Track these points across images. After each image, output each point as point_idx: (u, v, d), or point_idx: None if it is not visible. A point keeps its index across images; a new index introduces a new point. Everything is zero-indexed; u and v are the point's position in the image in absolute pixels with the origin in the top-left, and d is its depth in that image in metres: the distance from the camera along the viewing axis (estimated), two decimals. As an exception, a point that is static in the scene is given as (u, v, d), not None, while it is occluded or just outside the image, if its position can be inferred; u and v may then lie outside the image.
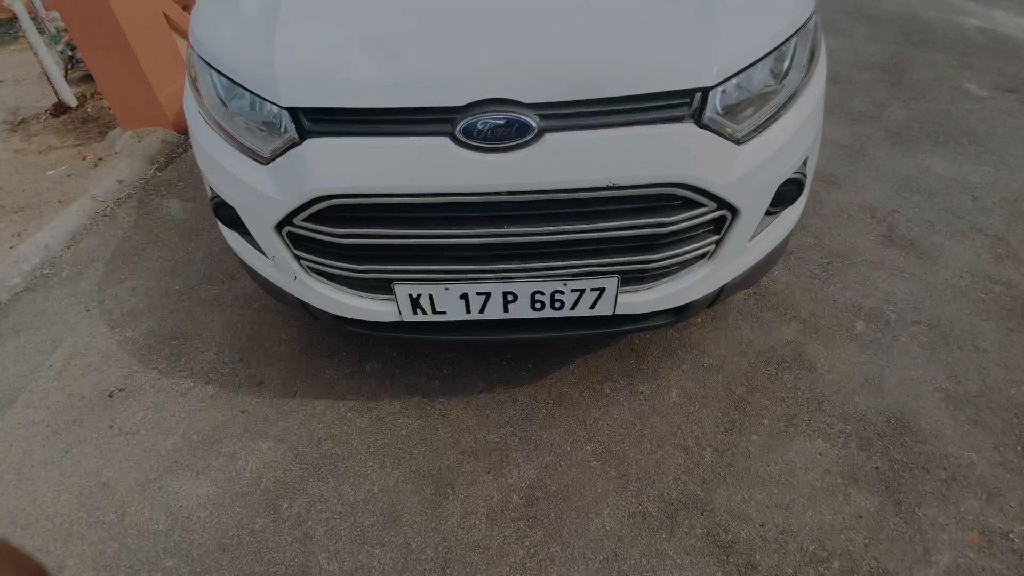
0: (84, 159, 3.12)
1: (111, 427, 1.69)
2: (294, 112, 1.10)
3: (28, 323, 2.08)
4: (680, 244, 1.22)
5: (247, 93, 1.16)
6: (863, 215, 2.40)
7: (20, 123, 3.71)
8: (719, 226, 1.24)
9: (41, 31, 3.95)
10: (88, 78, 4.03)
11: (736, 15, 1.14)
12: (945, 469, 1.48)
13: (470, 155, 1.06)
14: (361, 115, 1.08)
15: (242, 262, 1.51)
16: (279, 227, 1.23)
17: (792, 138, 1.19)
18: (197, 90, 1.33)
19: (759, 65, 1.12)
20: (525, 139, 1.05)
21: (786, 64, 1.18)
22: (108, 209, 2.66)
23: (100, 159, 3.09)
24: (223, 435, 1.64)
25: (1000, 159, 2.80)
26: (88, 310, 2.11)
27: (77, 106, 3.74)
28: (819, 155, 1.58)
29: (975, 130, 3.06)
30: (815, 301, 1.99)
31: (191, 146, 1.38)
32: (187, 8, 5.97)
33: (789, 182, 1.26)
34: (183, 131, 3.26)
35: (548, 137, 1.06)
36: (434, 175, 1.08)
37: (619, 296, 1.27)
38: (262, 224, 1.24)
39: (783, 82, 1.19)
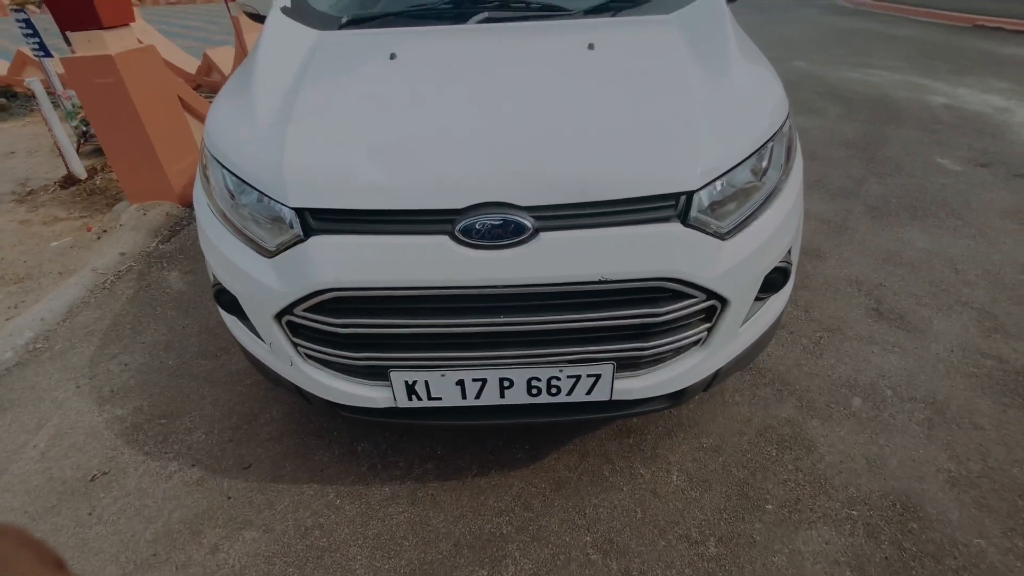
0: (88, 231, 3.18)
1: (90, 514, 1.62)
2: (301, 212, 1.15)
3: (16, 400, 2.04)
4: (673, 332, 1.25)
5: (256, 191, 1.22)
6: (850, 288, 2.46)
7: (28, 194, 3.81)
8: (710, 314, 1.27)
9: (56, 105, 4.15)
10: (100, 151, 4.19)
11: (718, 123, 1.22)
12: (955, 558, 1.43)
13: (468, 252, 1.10)
14: (365, 216, 1.13)
15: (239, 345, 1.51)
16: (279, 316, 1.25)
17: (775, 231, 1.25)
18: (207, 180, 1.39)
19: (740, 167, 1.19)
20: (521, 238, 1.10)
21: (765, 164, 1.26)
22: (108, 282, 2.69)
23: (104, 231, 3.15)
24: (206, 524, 1.57)
25: (978, 232, 2.90)
26: (78, 386, 2.08)
27: (86, 178, 3.86)
28: (804, 229, 1.65)
29: (951, 204, 3.20)
30: (810, 377, 1.99)
31: (195, 220, 1.42)
32: (198, 88, 6.30)
33: (775, 271, 1.30)
34: (188, 204, 3.35)
35: (543, 236, 1.11)
36: (434, 271, 1.11)
37: (615, 381, 1.28)
38: (262, 313, 1.26)
39: (763, 179, 1.26)
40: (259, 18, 1.97)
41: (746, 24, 1.84)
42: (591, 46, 1.47)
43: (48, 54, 4.40)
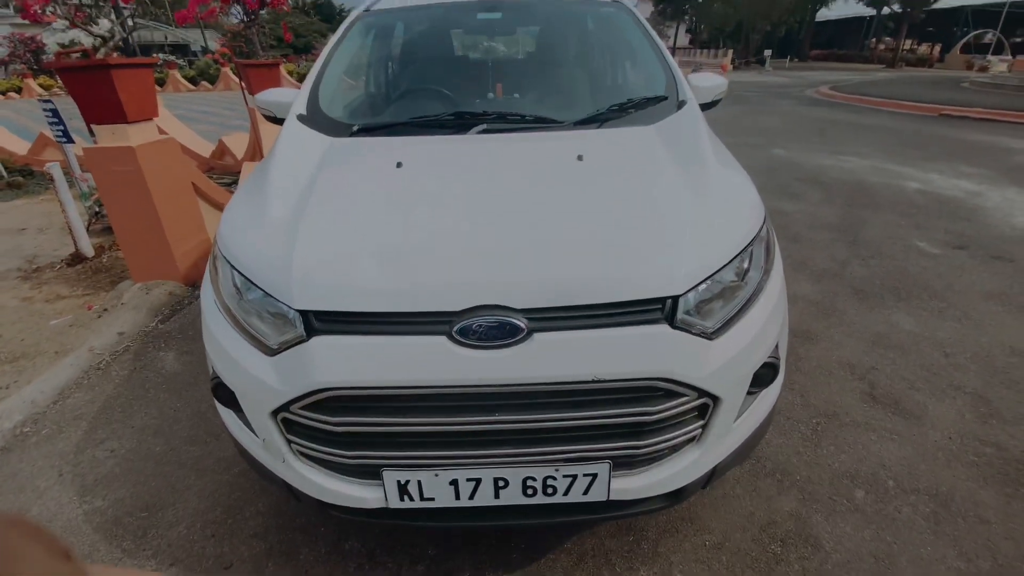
0: (89, 309, 3.21)
1: (57, 622, 1.52)
2: (304, 313, 1.20)
3: (-6, 489, 1.97)
4: (668, 430, 1.25)
5: (262, 292, 1.27)
6: (843, 372, 2.48)
7: (34, 271, 3.88)
8: (703, 411, 1.28)
9: (72, 185, 4.32)
10: (110, 230, 4.32)
11: (699, 230, 1.31)
12: (978, 674, 1.35)
13: (465, 352, 1.14)
14: (367, 318, 1.18)
15: (233, 439, 1.50)
16: (275, 413, 1.25)
17: (761, 329, 1.29)
18: (216, 272, 1.45)
19: (723, 271, 1.26)
20: (516, 339, 1.14)
21: (746, 265, 1.33)
22: (103, 362, 2.68)
23: (105, 309, 3.18)
24: (181, 633, 1.47)
25: (963, 314, 2.97)
26: (61, 474, 2.02)
27: (93, 256, 3.96)
28: (792, 310, 1.70)
29: (933, 286, 3.30)
30: (810, 466, 1.96)
31: (198, 305, 1.44)
32: (210, 171, 6.61)
33: (764, 366, 1.33)
34: (192, 284, 3.42)
35: (537, 336, 1.15)
36: (431, 370, 1.14)
37: (612, 480, 1.26)
38: (259, 409, 1.27)
39: (745, 280, 1.33)
40: (276, 120, 2.14)
41: (726, 115, 2.01)
42: (580, 157, 1.60)
43: (70, 140, 4.65)
